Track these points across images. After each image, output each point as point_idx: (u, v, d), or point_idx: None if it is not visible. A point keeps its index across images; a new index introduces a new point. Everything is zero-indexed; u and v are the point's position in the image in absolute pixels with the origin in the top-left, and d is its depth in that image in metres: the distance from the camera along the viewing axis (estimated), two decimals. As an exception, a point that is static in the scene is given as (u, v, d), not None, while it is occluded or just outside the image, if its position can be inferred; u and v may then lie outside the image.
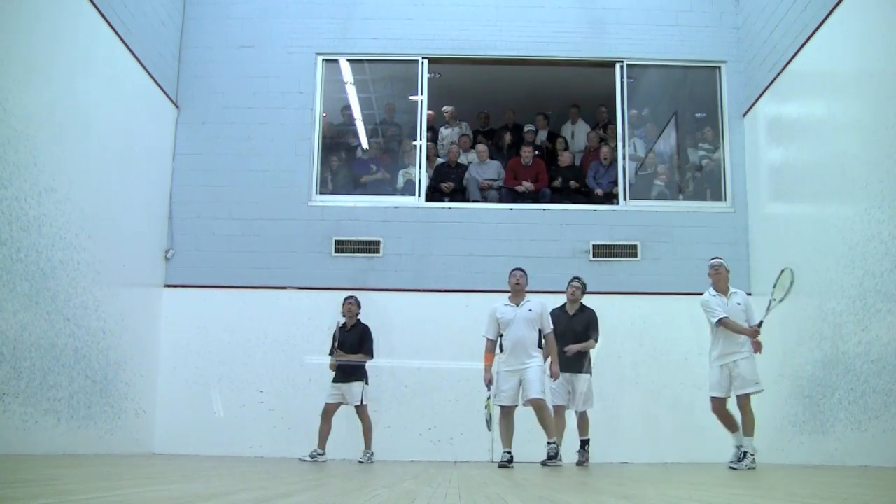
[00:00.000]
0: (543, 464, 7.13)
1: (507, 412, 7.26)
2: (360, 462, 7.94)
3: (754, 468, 6.73)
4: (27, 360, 6.60)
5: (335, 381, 8.15)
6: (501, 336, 7.35)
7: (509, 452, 7.14)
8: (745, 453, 6.82)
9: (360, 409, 8.15)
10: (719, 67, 10.22)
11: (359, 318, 8.42)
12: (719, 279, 7.20)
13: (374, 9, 10.29)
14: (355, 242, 9.74)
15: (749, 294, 8.01)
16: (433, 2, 10.31)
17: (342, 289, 9.40)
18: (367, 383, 8.17)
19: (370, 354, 8.24)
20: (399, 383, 9.28)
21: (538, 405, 7.11)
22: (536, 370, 7.16)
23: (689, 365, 9.20)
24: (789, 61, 8.63)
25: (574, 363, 7.71)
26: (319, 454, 7.99)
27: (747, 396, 6.89)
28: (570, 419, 7.90)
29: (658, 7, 10.26)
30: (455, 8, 10.31)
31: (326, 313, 9.36)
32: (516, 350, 7.22)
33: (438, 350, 9.37)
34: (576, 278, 8.02)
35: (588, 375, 7.79)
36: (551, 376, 7.40)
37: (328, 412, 8.13)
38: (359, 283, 9.50)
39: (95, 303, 7.83)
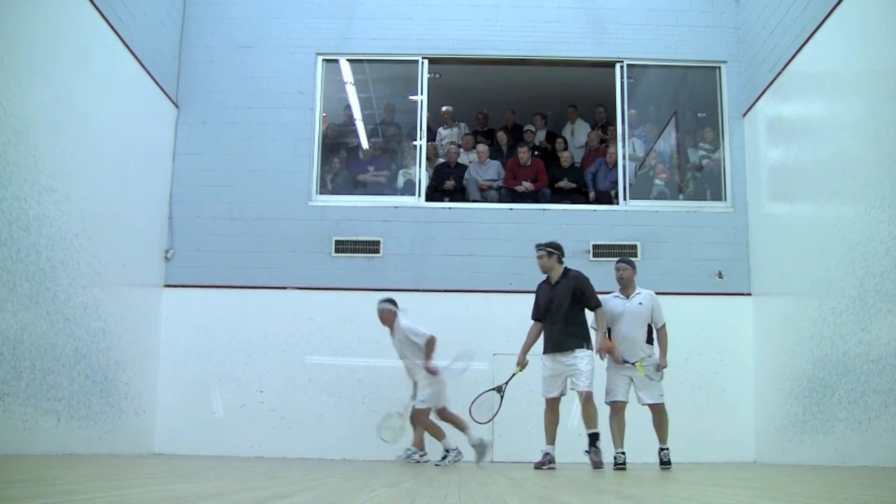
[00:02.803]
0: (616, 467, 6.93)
1: (618, 408, 7.12)
2: (405, 459, 7.94)
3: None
4: (27, 360, 6.59)
5: None
6: (610, 329, 7.16)
7: (623, 453, 6.95)
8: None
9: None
10: (719, 67, 10.21)
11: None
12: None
13: (374, 9, 10.29)
14: (355, 242, 9.73)
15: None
16: (433, 2, 10.31)
17: (342, 289, 9.42)
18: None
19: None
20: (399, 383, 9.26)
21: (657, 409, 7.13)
22: (650, 369, 7.01)
23: (689, 365, 9.19)
24: (789, 61, 8.62)
25: (564, 340, 6.97)
26: (420, 454, 7.98)
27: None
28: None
29: (658, 7, 10.25)
30: (455, 8, 10.31)
31: (326, 313, 9.38)
32: (625, 346, 7.10)
33: (438, 350, 9.34)
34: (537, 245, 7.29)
35: (585, 351, 6.95)
36: (658, 368, 7.07)
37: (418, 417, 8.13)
38: (359, 284, 9.50)
39: (95, 303, 7.82)
